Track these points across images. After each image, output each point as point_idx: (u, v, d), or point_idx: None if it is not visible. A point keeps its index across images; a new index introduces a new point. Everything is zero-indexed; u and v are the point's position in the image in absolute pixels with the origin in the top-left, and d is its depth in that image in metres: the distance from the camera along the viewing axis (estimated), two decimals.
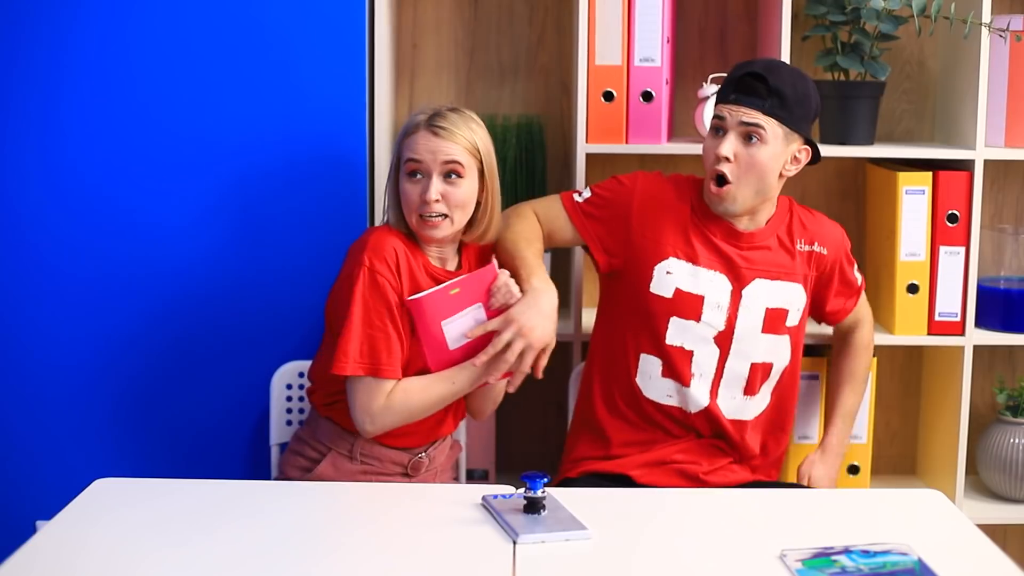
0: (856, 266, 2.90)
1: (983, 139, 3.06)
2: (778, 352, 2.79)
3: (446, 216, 2.54)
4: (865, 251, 3.38)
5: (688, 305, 2.72)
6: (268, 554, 2.02)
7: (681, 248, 2.74)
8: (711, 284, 2.73)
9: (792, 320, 2.78)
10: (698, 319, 2.72)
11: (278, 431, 2.93)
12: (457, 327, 2.56)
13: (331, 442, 2.64)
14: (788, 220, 2.80)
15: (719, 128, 2.69)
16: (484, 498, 2.23)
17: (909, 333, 3.13)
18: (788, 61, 3.03)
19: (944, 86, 3.31)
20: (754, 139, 2.66)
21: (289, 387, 2.95)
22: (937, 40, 3.33)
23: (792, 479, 2.99)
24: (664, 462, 2.76)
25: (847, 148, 3.13)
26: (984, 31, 3.02)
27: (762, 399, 2.81)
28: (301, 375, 2.95)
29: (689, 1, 3.34)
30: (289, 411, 2.95)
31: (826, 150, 3.14)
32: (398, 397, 2.53)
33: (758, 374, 2.77)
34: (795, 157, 2.71)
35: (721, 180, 2.68)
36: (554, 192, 3.33)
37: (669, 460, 2.76)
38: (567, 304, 3.20)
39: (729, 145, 2.66)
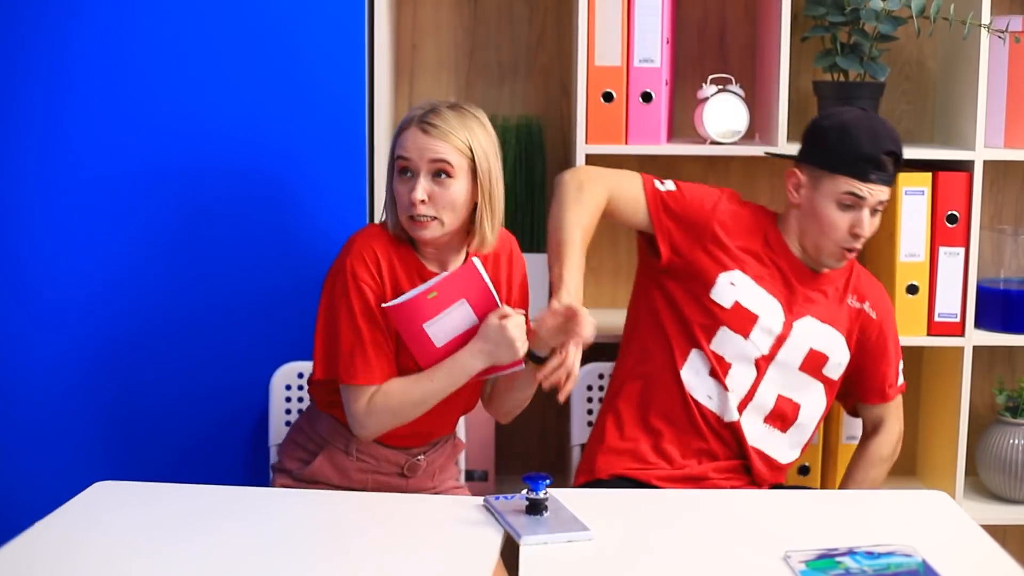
0: (901, 365, 2.90)
1: (982, 140, 3.06)
2: (809, 396, 2.78)
3: (435, 218, 2.47)
4: (865, 252, 3.37)
5: (742, 320, 2.72)
6: (266, 560, 2.01)
7: (749, 265, 2.76)
8: (768, 307, 2.74)
9: (830, 370, 2.78)
10: (746, 336, 2.72)
11: (277, 431, 2.93)
12: (442, 327, 2.50)
13: (329, 437, 2.61)
14: (848, 274, 2.83)
15: (853, 205, 2.69)
16: (486, 499, 2.23)
17: (909, 334, 3.13)
18: (788, 62, 3.03)
19: (943, 87, 3.31)
20: (878, 211, 2.72)
21: (288, 387, 2.94)
22: (936, 41, 3.33)
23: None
24: (697, 478, 2.73)
25: None
26: (983, 32, 3.02)
27: (790, 447, 2.80)
28: (300, 375, 2.94)
29: (688, 2, 3.34)
30: (288, 411, 2.94)
31: None
32: (379, 400, 2.49)
33: (782, 409, 2.75)
34: None
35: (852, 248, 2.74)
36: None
37: (703, 476, 2.73)
38: None
39: (869, 227, 2.71)
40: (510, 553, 2.22)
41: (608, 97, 3.06)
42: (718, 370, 2.72)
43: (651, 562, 2.04)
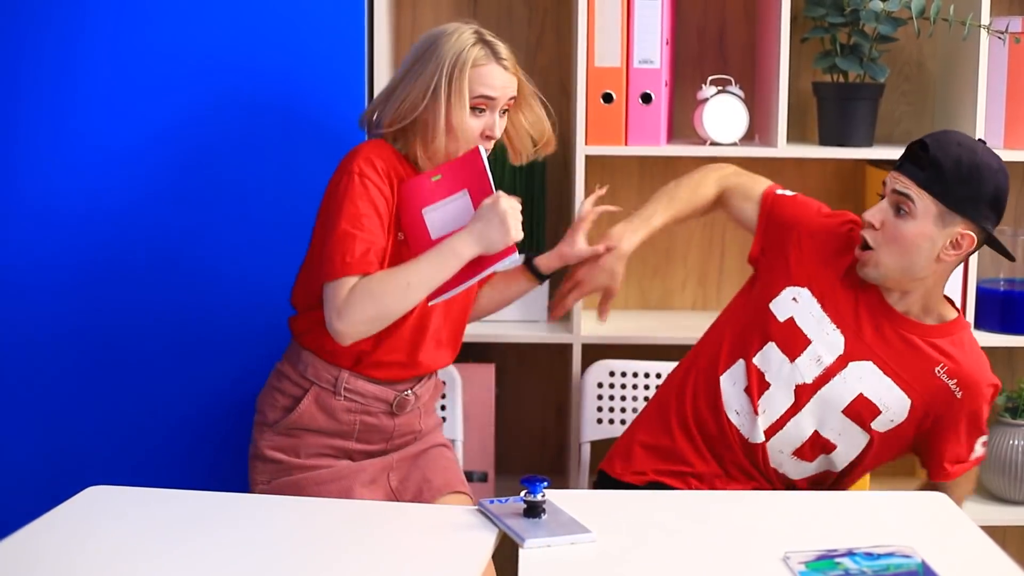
0: (983, 439, 2.66)
1: None
2: (849, 442, 2.61)
3: (488, 149, 2.53)
4: None
5: (792, 340, 2.58)
6: (256, 566, 1.99)
7: (819, 287, 2.60)
8: (825, 336, 2.57)
9: (880, 425, 2.59)
10: (792, 359, 2.58)
11: None
12: (440, 216, 2.46)
13: (314, 376, 2.55)
14: (950, 342, 2.59)
15: (882, 193, 2.54)
16: (480, 503, 2.22)
17: None
18: (787, 63, 3.03)
19: (943, 88, 3.31)
20: (902, 211, 2.48)
21: None
22: (936, 42, 3.33)
23: None
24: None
25: (846, 150, 3.13)
26: (983, 33, 3.02)
27: (812, 470, 2.66)
28: None
29: (688, 3, 3.34)
30: None
31: (825, 152, 3.14)
32: (360, 287, 2.38)
33: (816, 446, 2.61)
34: (955, 242, 2.48)
35: (865, 244, 2.54)
36: (554, 195, 3.35)
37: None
38: None
39: (877, 212, 2.51)
40: (505, 557, 2.22)
41: (608, 98, 3.06)
42: (754, 387, 2.60)
43: (649, 563, 2.04)
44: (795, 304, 2.60)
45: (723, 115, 3.09)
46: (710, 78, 3.18)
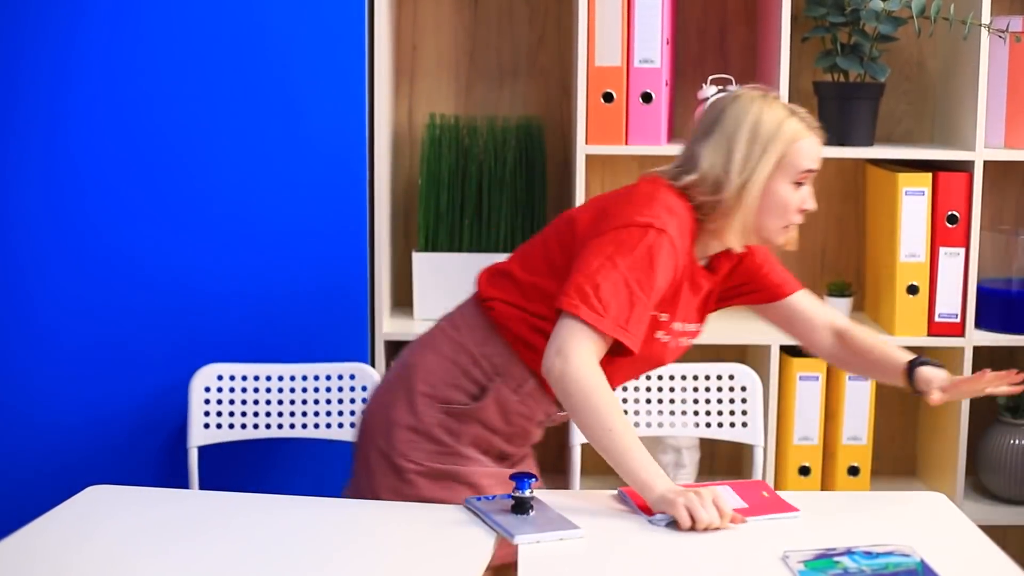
0: None
1: (982, 140, 3.06)
2: None
3: None
4: (865, 252, 3.38)
5: None
6: (255, 566, 1.98)
7: None
8: None
9: None
10: None
11: (197, 434, 2.92)
12: None
13: (504, 368, 2.34)
14: None
15: None
16: (468, 501, 2.22)
17: (909, 334, 3.13)
18: (788, 62, 3.03)
19: (944, 87, 3.31)
20: None
21: (207, 389, 2.92)
22: (936, 41, 3.33)
23: None
24: None
25: (847, 149, 3.13)
26: (983, 32, 3.02)
27: None
28: (220, 377, 2.92)
29: (688, 2, 3.34)
30: (207, 414, 2.93)
31: (826, 151, 3.13)
32: (595, 379, 2.16)
33: None
34: None
35: None
36: (554, 194, 3.34)
37: None
38: None
39: None
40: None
41: (608, 97, 3.06)
42: None
43: (649, 562, 2.03)
44: None
45: None
46: (711, 77, 3.17)
